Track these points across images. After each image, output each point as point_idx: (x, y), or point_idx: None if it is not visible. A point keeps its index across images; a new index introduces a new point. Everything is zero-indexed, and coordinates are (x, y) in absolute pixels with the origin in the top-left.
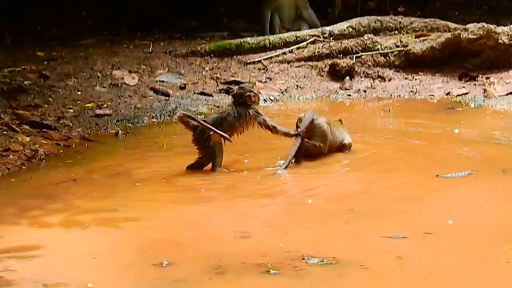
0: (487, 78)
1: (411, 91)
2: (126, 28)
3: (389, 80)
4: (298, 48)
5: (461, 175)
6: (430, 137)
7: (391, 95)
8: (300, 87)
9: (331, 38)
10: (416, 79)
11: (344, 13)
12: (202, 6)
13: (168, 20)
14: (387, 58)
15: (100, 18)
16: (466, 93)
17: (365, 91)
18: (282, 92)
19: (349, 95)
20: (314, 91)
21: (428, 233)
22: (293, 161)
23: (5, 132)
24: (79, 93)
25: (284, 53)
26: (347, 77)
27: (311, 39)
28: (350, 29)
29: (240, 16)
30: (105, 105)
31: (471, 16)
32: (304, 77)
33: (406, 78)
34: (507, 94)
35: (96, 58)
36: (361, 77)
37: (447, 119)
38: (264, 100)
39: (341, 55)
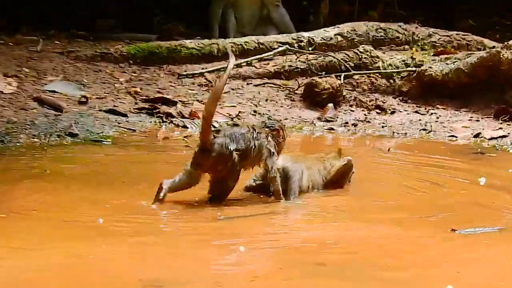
0: None
1: (424, 129)
2: (4, 22)
3: (392, 112)
4: (260, 60)
5: (485, 231)
6: (447, 185)
7: (393, 132)
8: (259, 113)
9: (310, 49)
10: (431, 113)
11: (333, 23)
12: (128, 4)
13: (72, 18)
14: (391, 81)
15: None
16: (504, 136)
17: (355, 125)
18: (232, 119)
19: (332, 128)
20: (281, 120)
21: None
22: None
23: None
24: None
25: (239, 65)
26: (330, 104)
27: (280, 48)
28: (339, 38)
29: (180, 18)
30: None
31: None
32: (267, 100)
33: (417, 112)
34: None
35: None
36: (351, 105)
37: (473, 165)
38: None
39: (324, 73)
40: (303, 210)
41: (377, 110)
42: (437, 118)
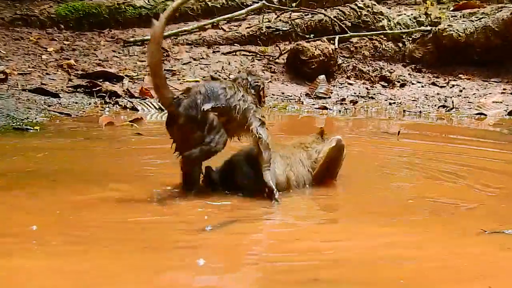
0: None
1: (443, 106)
2: None
3: (402, 84)
4: (229, 21)
5: None
6: (474, 177)
7: (404, 111)
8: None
9: (293, 5)
10: (453, 85)
11: None
12: None
13: None
14: (400, 45)
15: None
16: None
17: (354, 103)
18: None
19: (325, 107)
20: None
21: None
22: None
23: None
24: None
25: (202, 28)
26: (322, 76)
27: (255, 5)
28: None
29: None
30: None
31: None
32: (240, 72)
33: (434, 83)
34: None
35: None
36: (349, 77)
37: (508, 150)
38: (160, 108)
39: (312, 36)
40: (293, 212)
41: (383, 83)
42: (460, 91)
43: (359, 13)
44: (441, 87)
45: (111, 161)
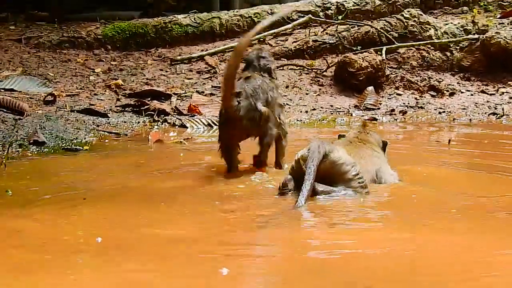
0: None
1: (493, 114)
2: None
3: (451, 93)
4: (276, 36)
5: None
6: None
7: (454, 119)
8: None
9: (339, 17)
10: (502, 92)
11: None
12: None
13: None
14: (448, 54)
15: None
16: None
17: (404, 113)
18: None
19: (375, 119)
20: (307, 111)
21: None
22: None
23: None
24: None
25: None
26: (370, 88)
27: (301, 19)
28: (377, 1)
29: None
30: None
31: None
32: (288, 86)
33: (483, 91)
34: None
35: None
36: (398, 87)
37: None
38: (209, 124)
39: (360, 48)
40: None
41: (432, 92)
42: (510, 98)
43: (405, 24)
44: (491, 94)
45: (159, 179)
